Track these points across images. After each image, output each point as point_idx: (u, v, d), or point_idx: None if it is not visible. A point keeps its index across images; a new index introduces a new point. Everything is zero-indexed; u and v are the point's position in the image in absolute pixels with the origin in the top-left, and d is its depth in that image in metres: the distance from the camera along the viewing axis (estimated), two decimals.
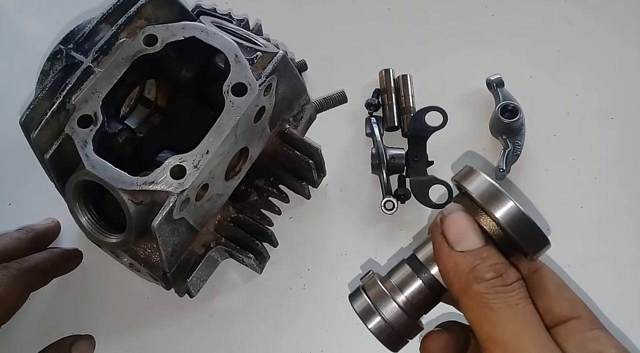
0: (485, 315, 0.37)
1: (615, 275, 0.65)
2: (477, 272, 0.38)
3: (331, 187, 0.72)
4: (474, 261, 0.38)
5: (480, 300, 0.37)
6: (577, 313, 0.40)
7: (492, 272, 0.38)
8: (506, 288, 0.38)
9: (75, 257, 0.68)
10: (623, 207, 0.70)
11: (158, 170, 0.52)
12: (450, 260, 0.39)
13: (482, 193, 0.40)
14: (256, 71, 0.57)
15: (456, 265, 0.39)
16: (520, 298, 0.38)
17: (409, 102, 0.74)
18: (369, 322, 0.44)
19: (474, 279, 0.38)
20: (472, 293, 0.38)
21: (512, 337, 0.36)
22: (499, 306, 0.37)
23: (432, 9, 0.83)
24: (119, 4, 0.58)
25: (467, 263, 0.38)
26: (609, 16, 0.81)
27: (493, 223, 0.40)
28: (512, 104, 0.71)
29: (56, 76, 0.56)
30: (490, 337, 0.36)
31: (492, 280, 0.38)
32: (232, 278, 0.68)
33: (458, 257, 0.39)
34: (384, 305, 0.43)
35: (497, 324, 0.36)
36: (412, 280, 0.43)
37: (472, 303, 0.38)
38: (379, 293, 0.44)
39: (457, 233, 0.39)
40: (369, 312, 0.44)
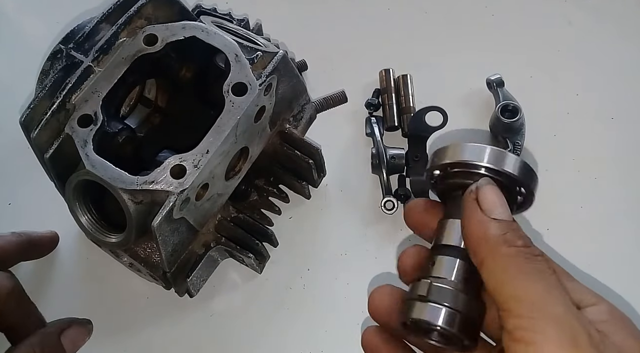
0: (511, 277, 0.37)
1: (616, 275, 0.65)
2: (508, 237, 0.39)
3: (331, 187, 0.72)
4: (505, 228, 0.39)
5: (509, 262, 0.38)
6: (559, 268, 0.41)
7: (522, 240, 0.39)
8: (534, 257, 0.38)
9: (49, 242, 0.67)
10: (623, 207, 0.70)
11: (158, 170, 0.52)
12: (482, 224, 0.39)
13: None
14: (256, 71, 0.57)
15: (487, 229, 0.39)
16: (547, 267, 0.38)
17: (409, 102, 0.74)
18: (437, 318, 0.40)
19: (505, 242, 0.38)
20: (500, 256, 0.38)
21: (540, 297, 0.36)
22: (528, 269, 0.37)
23: (432, 9, 0.83)
24: (119, 4, 0.58)
25: (498, 229, 0.39)
26: (609, 16, 0.81)
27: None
28: (512, 104, 0.71)
29: (56, 76, 0.56)
30: (515, 297, 0.37)
31: (522, 248, 0.38)
32: (232, 278, 0.68)
33: (490, 222, 0.39)
34: (439, 295, 0.41)
35: (525, 285, 0.37)
36: (449, 263, 0.42)
37: (499, 266, 0.38)
38: (425, 287, 0.41)
39: (491, 203, 0.40)
40: (430, 310, 0.40)
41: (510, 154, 0.43)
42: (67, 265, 0.69)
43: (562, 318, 0.35)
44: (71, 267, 0.69)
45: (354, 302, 0.65)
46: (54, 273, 0.68)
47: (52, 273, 0.68)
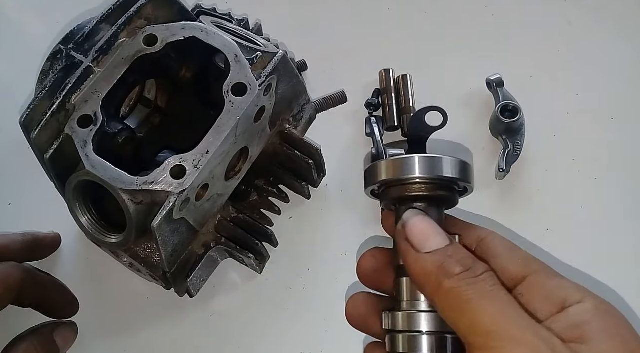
0: (461, 309, 0.37)
1: (616, 275, 0.65)
2: (445, 269, 0.38)
3: (331, 187, 0.72)
4: (441, 259, 0.39)
5: (454, 294, 0.37)
6: (532, 268, 0.41)
7: (459, 266, 0.38)
8: (477, 279, 0.38)
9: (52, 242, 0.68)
10: (623, 207, 0.70)
11: (158, 170, 0.52)
12: (418, 263, 0.39)
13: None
14: (256, 71, 0.57)
15: (424, 266, 0.39)
16: (493, 285, 0.38)
17: (409, 102, 0.74)
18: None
19: (444, 276, 0.38)
20: (444, 290, 0.38)
21: (493, 323, 0.36)
22: (473, 296, 0.37)
23: (432, 9, 0.83)
24: (119, 4, 0.58)
25: (434, 262, 0.39)
26: (609, 16, 0.81)
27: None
28: (512, 104, 0.71)
29: (56, 76, 0.56)
30: (471, 329, 0.36)
31: (462, 274, 0.38)
32: (232, 278, 0.68)
33: (425, 259, 0.39)
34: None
35: (475, 314, 0.36)
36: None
37: (446, 301, 0.38)
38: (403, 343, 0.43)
39: (421, 236, 0.40)
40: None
41: (438, 156, 0.44)
42: (67, 265, 0.69)
43: (521, 339, 0.35)
44: (71, 267, 0.69)
45: None
46: (54, 274, 0.68)
47: (52, 274, 0.68)
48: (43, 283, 0.64)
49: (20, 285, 0.60)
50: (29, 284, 0.61)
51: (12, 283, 0.59)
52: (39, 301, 0.63)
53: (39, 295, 0.63)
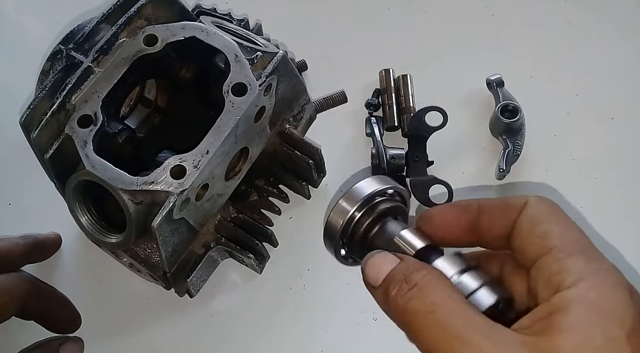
0: (415, 330, 0.35)
1: None
2: (385, 290, 0.38)
3: (331, 187, 0.72)
4: (385, 286, 0.38)
5: (404, 316, 0.36)
6: (547, 247, 0.37)
7: (396, 280, 0.37)
8: (412, 292, 0.36)
9: (53, 244, 0.68)
10: (623, 207, 0.70)
11: (158, 170, 0.52)
12: (377, 300, 0.39)
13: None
14: (256, 71, 0.57)
15: (379, 299, 0.38)
16: (421, 296, 0.36)
17: (409, 102, 0.74)
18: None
19: (387, 296, 0.37)
20: (398, 312, 0.37)
21: (435, 342, 0.34)
22: (415, 309, 0.35)
23: (432, 9, 0.83)
24: (119, 4, 0.58)
25: (381, 291, 0.38)
26: (609, 16, 0.81)
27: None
28: (512, 104, 0.71)
29: (56, 76, 0.56)
30: (428, 348, 0.35)
31: (402, 286, 0.37)
32: (232, 278, 0.68)
33: (377, 292, 0.38)
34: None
35: (423, 333, 0.35)
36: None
37: (400, 324, 0.37)
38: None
39: (372, 275, 0.39)
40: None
41: (350, 187, 0.44)
42: (67, 265, 0.69)
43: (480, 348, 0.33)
44: (71, 267, 0.69)
45: (354, 302, 0.65)
46: (54, 274, 0.68)
47: (52, 274, 0.68)
48: (47, 296, 0.63)
49: (25, 297, 0.59)
50: (34, 296, 0.61)
51: (17, 295, 0.59)
52: (42, 314, 0.62)
53: (42, 307, 0.62)
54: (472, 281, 0.38)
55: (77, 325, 0.64)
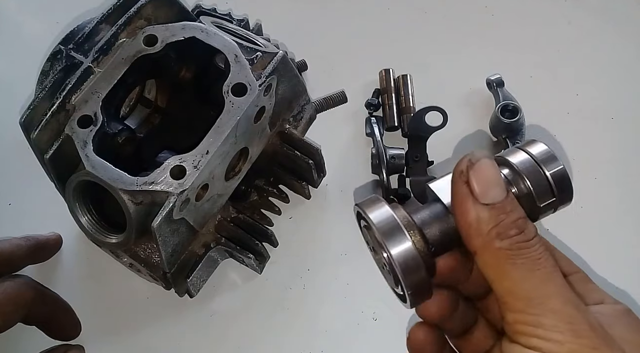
0: (506, 271, 0.36)
1: (616, 276, 0.65)
2: (501, 228, 0.36)
3: (331, 187, 0.72)
4: (498, 216, 0.37)
5: (503, 256, 0.36)
6: (574, 269, 0.42)
7: (515, 228, 0.36)
8: (528, 244, 0.36)
9: (54, 244, 0.68)
10: (623, 207, 0.70)
11: (158, 171, 0.52)
12: (472, 213, 0.37)
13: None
14: (256, 71, 0.57)
15: (479, 219, 0.37)
16: (542, 252, 0.37)
17: (409, 102, 0.74)
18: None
19: (497, 235, 0.36)
20: (494, 250, 0.36)
21: (535, 290, 0.35)
22: (522, 261, 0.36)
23: (432, 9, 0.83)
24: (119, 4, 0.58)
25: (491, 218, 0.37)
26: (609, 16, 0.81)
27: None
28: (512, 104, 0.71)
29: (56, 76, 0.56)
30: (512, 292, 0.36)
31: (516, 237, 0.36)
32: (232, 278, 0.68)
33: (482, 211, 0.37)
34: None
35: (520, 279, 0.36)
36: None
37: (493, 260, 0.36)
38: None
39: (485, 184, 0.37)
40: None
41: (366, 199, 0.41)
42: (67, 265, 0.69)
43: (561, 310, 0.35)
44: (71, 267, 0.69)
45: (354, 302, 0.65)
46: (54, 274, 0.68)
47: (52, 274, 0.68)
48: (51, 302, 0.63)
49: (30, 304, 0.60)
50: (38, 303, 0.61)
51: (23, 302, 0.59)
52: (44, 319, 0.63)
53: (45, 313, 0.62)
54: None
55: (77, 331, 0.65)
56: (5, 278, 0.60)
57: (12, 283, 0.59)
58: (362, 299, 0.66)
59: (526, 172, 0.40)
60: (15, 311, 0.58)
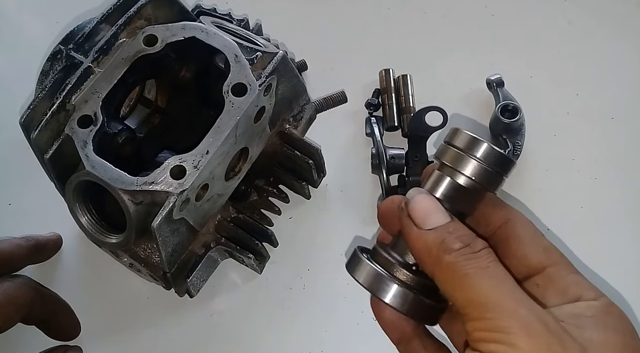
0: (459, 283, 0.38)
1: (616, 276, 0.65)
2: (445, 245, 0.39)
3: (331, 187, 0.72)
4: (441, 235, 0.39)
5: (453, 269, 0.38)
6: (553, 259, 0.42)
7: (459, 242, 0.39)
8: (476, 255, 0.38)
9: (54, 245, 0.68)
10: (623, 207, 0.70)
11: (158, 171, 0.52)
12: (419, 239, 0.40)
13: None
14: (256, 71, 0.57)
15: (426, 242, 0.39)
16: (491, 261, 0.38)
17: (409, 102, 0.74)
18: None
19: (444, 252, 0.38)
20: (444, 265, 0.38)
21: (488, 296, 0.36)
22: (471, 270, 0.37)
23: (432, 9, 0.83)
24: (119, 4, 0.58)
25: (435, 239, 0.39)
26: (609, 16, 0.81)
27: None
28: (512, 104, 0.71)
29: (56, 76, 0.56)
30: (468, 301, 0.37)
31: (461, 250, 0.38)
32: (232, 278, 0.68)
33: (426, 235, 0.39)
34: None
35: (472, 287, 0.37)
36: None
37: (446, 275, 0.38)
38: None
39: (422, 213, 0.40)
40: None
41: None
42: (67, 265, 0.69)
43: (514, 311, 0.36)
44: (71, 267, 0.69)
45: (354, 302, 0.65)
46: (54, 274, 0.68)
47: (52, 274, 0.68)
48: (50, 302, 0.64)
49: (30, 304, 0.60)
50: (38, 303, 0.61)
51: (23, 303, 0.59)
52: (44, 320, 0.63)
53: (45, 313, 0.62)
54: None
55: (77, 331, 0.65)
56: (5, 279, 0.60)
57: (12, 284, 0.59)
58: (362, 299, 0.65)
59: (458, 165, 0.42)
60: (15, 311, 0.58)
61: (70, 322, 0.65)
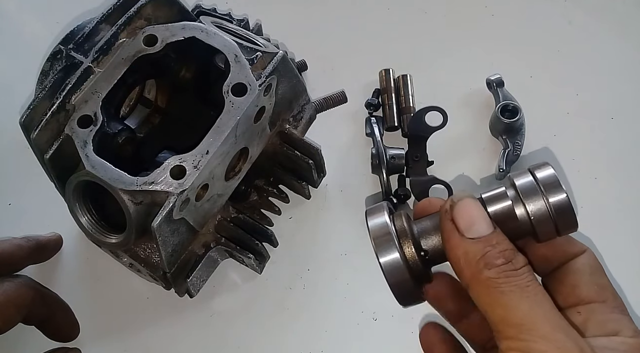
0: (496, 300, 0.37)
1: (615, 276, 0.65)
2: (487, 259, 0.38)
3: (331, 187, 0.72)
4: (484, 248, 0.38)
5: (491, 285, 0.37)
6: (604, 297, 0.41)
7: (502, 258, 0.38)
8: (516, 272, 0.38)
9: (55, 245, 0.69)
10: (623, 207, 0.70)
11: (158, 171, 0.52)
12: (460, 247, 0.39)
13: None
14: (256, 71, 0.57)
15: (467, 252, 0.38)
16: (530, 280, 0.37)
17: (409, 102, 0.74)
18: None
19: (485, 266, 0.37)
20: (482, 280, 0.38)
21: (525, 317, 0.36)
22: (510, 289, 0.37)
23: (432, 9, 0.83)
24: (119, 4, 0.58)
25: (477, 251, 0.38)
26: (609, 16, 0.81)
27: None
28: (512, 104, 0.71)
29: (56, 76, 0.56)
30: (503, 320, 0.36)
31: (503, 266, 0.37)
32: (232, 278, 0.68)
33: (468, 245, 0.38)
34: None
35: (510, 307, 0.36)
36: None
37: (483, 290, 0.38)
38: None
39: (468, 220, 0.39)
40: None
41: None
42: (67, 265, 0.69)
43: (550, 336, 0.35)
44: (71, 267, 0.69)
45: (354, 302, 0.65)
46: (54, 274, 0.68)
47: (52, 274, 0.68)
48: (50, 302, 0.63)
49: (30, 305, 0.60)
50: (38, 303, 0.61)
51: (23, 304, 0.59)
52: (43, 320, 0.63)
53: (45, 314, 0.62)
54: None
55: (76, 332, 0.65)
56: (5, 279, 0.60)
57: (12, 284, 0.59)
58: (362, 299, 0.66)
59: (527, 197, 0.40)
60: (16, 312, 0.58)
61: (70, 323, 0.65)
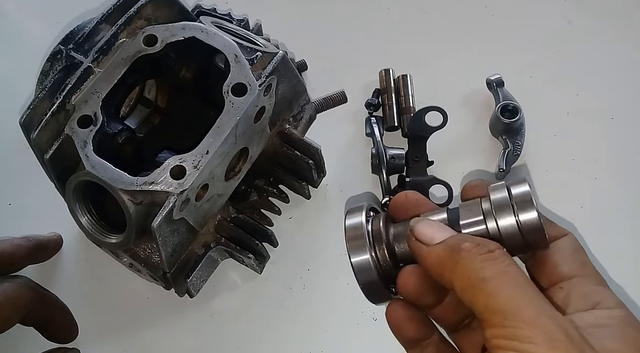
0: (478, 288, 0.37)
1: (615, 276, 0.65)
2: (456, 247, 0.38)
3: (331, 187, 0.72)
4: (452, 244, 0.39)
5: (471, 274, 0.37)
6: (585, 272, 0.41)
7: (469, 242, 0.38)
8: (492, 255, 0.38)
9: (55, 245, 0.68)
10: (623, 207, 0.70)
11: (158, 171, 0.52)
12: (431, 254, 0.40)
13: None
14: (256, 71, 0.57)
15: (437, 255, 0.39)
16: (509, 264, 0.38)
17: (409, 102, 0.74)
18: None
19: (457, 253, 0.38)
20: (459, 268, 0.38)
21: (509, 302, 0.36)
22: (490, 274, 0.37)
23: (432, 9, 0.83)
24: (119, 4, 0.58)
25: (446, 248, 0.39)
26: (609, 16, 0.81)
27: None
28: (512, 104, 0.71)
29: (56, 76, 0.56)
30: (487, 308, 0.36)
31: (475, 249, 0.38)
32: (232, 278, 0.68)
33: (437, 249, 0.39)
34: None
35: (492, 293, 0.36)
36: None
37: (466, 282, 0.38)
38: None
39: (429, 234, 0.40)
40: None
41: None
42: (67, 265, 0.69)
43: (535, 320, 0.35)
44: (71, 268, 0.69)
45: (354, 302, 0.65)
46: (54, 274, 0.68)
47: (52, 274, 0.68)
48: (49, 303, 0.63)
49: (29, 305, 0.60)
50: (37, 304, 0.61)
51: (22, 305, 0.59)
52: (42, 321, 0.63)
53: (44, 315, 0.62)
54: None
55: (75, 334, 0.65)
56: (4, 279, 0.60)
57: (12, 285, 0.59)
58: (362, 299, 0.65)
59: (499, 213, 0.41)
60: (15, 312, 0.58)
61: (69, 324, 0.65)
